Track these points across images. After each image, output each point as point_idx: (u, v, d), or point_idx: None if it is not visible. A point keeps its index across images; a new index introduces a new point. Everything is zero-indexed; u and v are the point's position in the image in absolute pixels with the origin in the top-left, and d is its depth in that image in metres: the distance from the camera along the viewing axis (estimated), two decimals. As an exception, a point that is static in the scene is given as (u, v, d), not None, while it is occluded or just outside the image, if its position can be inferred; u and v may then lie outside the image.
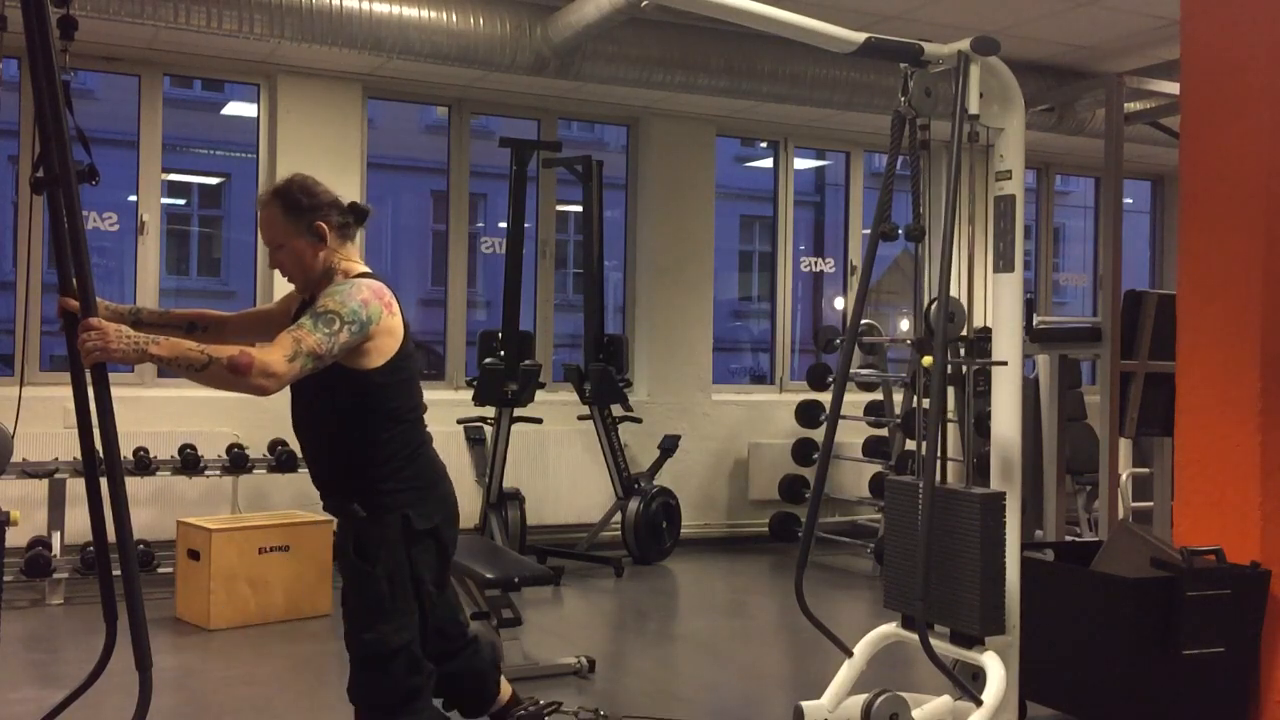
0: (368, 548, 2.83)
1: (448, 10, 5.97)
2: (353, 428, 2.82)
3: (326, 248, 2.86)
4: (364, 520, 2.83)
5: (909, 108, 3.45)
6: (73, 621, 5.44)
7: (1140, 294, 5.13)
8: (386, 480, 2.84)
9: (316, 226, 2.84)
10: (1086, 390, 7.18)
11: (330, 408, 2.82)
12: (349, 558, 2.86)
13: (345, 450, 2.85)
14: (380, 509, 2.83)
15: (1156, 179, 9.94)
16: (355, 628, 2.85)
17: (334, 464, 2.89)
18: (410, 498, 2.87)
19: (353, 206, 2.94)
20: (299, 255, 2.86)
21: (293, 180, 2.91)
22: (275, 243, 2.88)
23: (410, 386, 2.91)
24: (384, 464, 2.84)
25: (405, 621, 2.85)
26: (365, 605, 2.83)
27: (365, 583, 2.82)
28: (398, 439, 2.86)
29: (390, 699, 2.84)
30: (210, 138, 12.24)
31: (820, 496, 3.79)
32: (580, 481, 7.47)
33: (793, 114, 7.74)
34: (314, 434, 2.92)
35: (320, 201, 2.87)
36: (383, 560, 2.82)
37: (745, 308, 13.74)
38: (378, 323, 2.75)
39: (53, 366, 6.73)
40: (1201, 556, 3.71)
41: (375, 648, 2.82)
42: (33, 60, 2.48)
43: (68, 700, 2.59)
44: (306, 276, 2.89)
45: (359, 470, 2.84)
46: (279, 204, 2.86)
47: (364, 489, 2.84)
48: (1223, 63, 3.94)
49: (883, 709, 3.34)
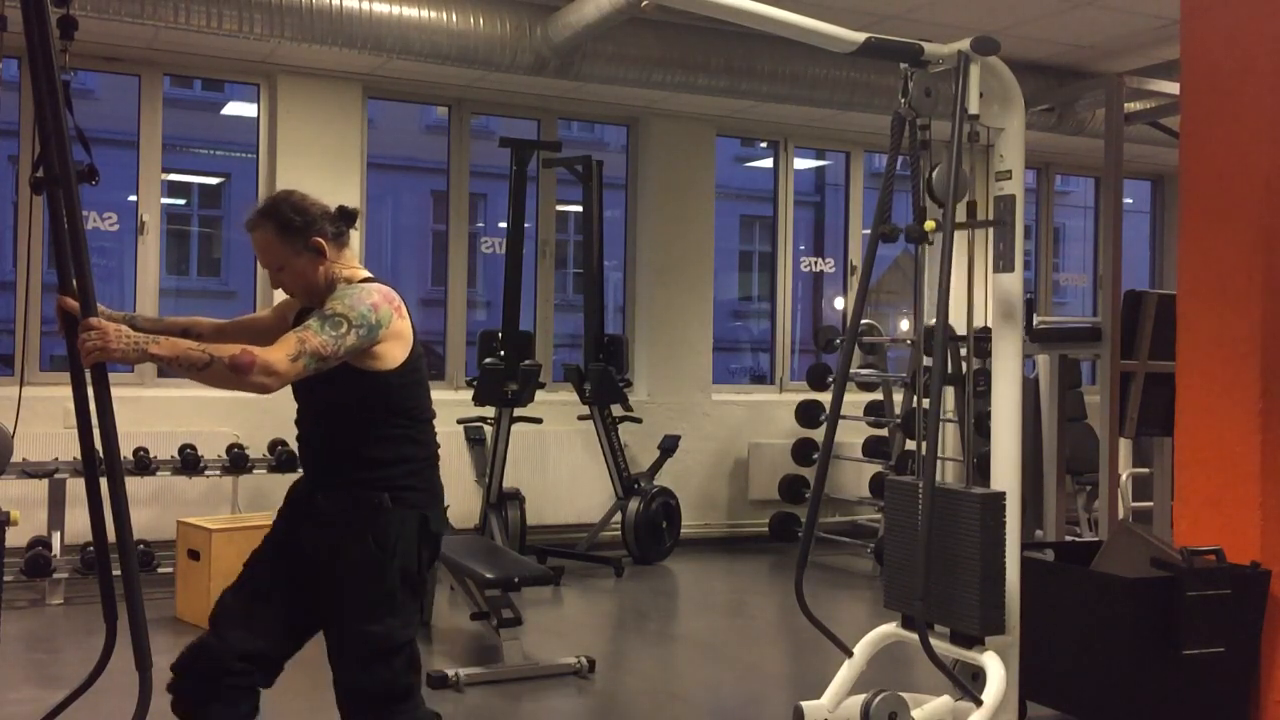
0: (388, 540, 2.81)
1: (448, 10, 5.97)
2: (376, 427, 2.81)
3: (327, 260, 2.85)
4: (391, 512, 2.82)
5: (909, 108, 3.45)
6: (73, 621, 5.44)
7: (1140, 294, 5.13)
8: (408, 478, 2.84)
9: (314, 243, 2.82)
10: (1086, 390, 7.17)
11: (352, 409, 2.81)
12: (367, 549, 2.83)
13: (367, 449, 2.83)
14: (403, 504, 2.83)
15: (1156, 179, 9.94)
16: (360, 619, 2.82)
17: (356, 463, 2.86)
18: (427, 499, 2.88)
19: (341, 211, 2.92)
20: (301, 274, 2.85)
21: (280, 199, 2.88)
22: (275, 265, 2.86)
23: (424, 389, 2.91)
24: (406, 462, 2.84)
25: (410, 619, 2.85)
26: (376, 598, 2.81)
27: (380, 575, 2.80)
28: (417, 439, 2.87)
29: (389, 694, 2.83)
30: (210, 138, 12.25)
31: (820, 496, 3.79)
32: (580, 481, 7.47)
33: (793, 114, 7.75)
34: (332, 435, 2.89)
35: (313, 216, 2.84)
36: (400, 554, 2.81)
37: (745, 308, 13.74)
38: (388, 326, 2.75)
39: (53, 366, 6.73)
40: (1201, 556, 3.71)
41: (382, 641, 2.80)
42: (33, 60, 2.47)
43: (68, 700, 2.58)
44: (312, 292, 2.87)
45: (381, 468, 2.82)
46: (272, 226, 2.82)
47: (385, 487, 2.83)
48: (1223, 63, 3.94)
49: (882, 709, 3.34)
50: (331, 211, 2.90)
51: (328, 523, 2.83)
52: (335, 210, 2.91)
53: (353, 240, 3.02)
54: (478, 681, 4.54)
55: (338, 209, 2.91)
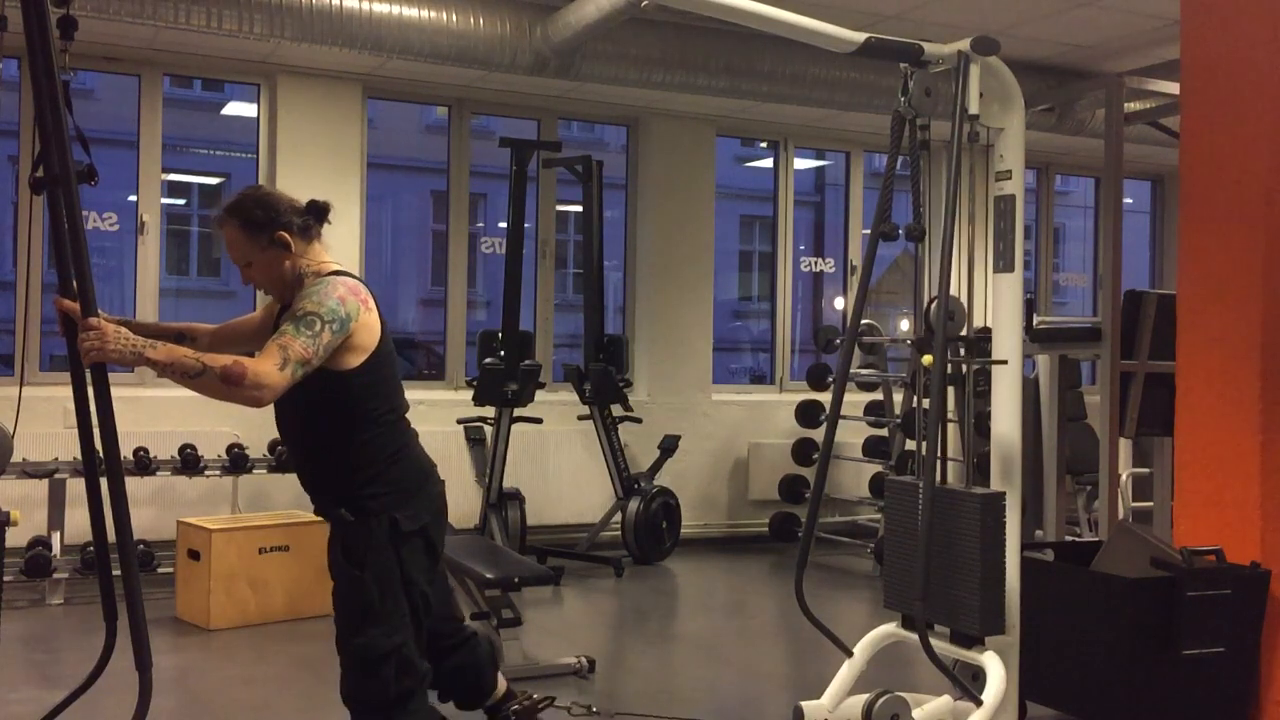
0: (355, 551, 2.82)
1: (448, 10, 5.97)
2: (332, 432, 2.81)
3: (293, 254, 2.85)
4: (351, 524, 2.83)
5: (909, 108, 3.45)
6: (73, 621, 5.44)
7: (1140, 294, 5.13)
8: (371, 484, 2.83)
9: (279, 236, 2.82)
10: (1086, 390, 7.17)
11: (309, 412, 2.81)
12: (338, 561, 2.85)
13: (327, 455, 2.84)
14: (366, 513, 2.82)
15: (1156, 179, 9.94)
16: (345, 632, 2.85)
17: (317, 469, 2.89)
18: (395, 500, 2.85)
19: (310, 205, 2.92)
20: (269, 268, 2.86)
21: (245, 195, 2.89)
22: (243, 260, 2.87)
23: (389, 386, 2.89)
24: (366, 468, 2.83)
25: (396, 624, 2.84)
26: (354, 609, 2.82)
27: (353, 587, 2.82)
28: (377, 441, 2.85)
29: (381, 702, 2.84)
30: (210, 138, 12.24)
31: (820, 496, 3.79)
32: (580, 481, 7.47)
33: (793, 114, 7.75)
34: (297, 439, 2.92)
35: (278, 210, 2.85)
36: (370, 564, 2.81)
37: (745, 308, 13.73)
38: (356, 319, 2.74)
39: (53, 366, 6.74)
40: (1201, 556, 3.71)
41: (365, 652, 2.81)
42: (33, 60, 2.48)
43: (68, 700, 2.59)
44: (281, 286, 2.88)
45: (342, 474, 2.83)
46: (237, 222, 2.84)
47: (348, 493, 2.83)
48: (1223, 63, 3.94)
49: (883, 709, 3.34)
50: (300, 205, 2.89)
51: None
52: (305, 204, 2.91)
53: (353, 241, 3.02)
54: (478, 681, 4.53)
55: (308, 203, 2.91)
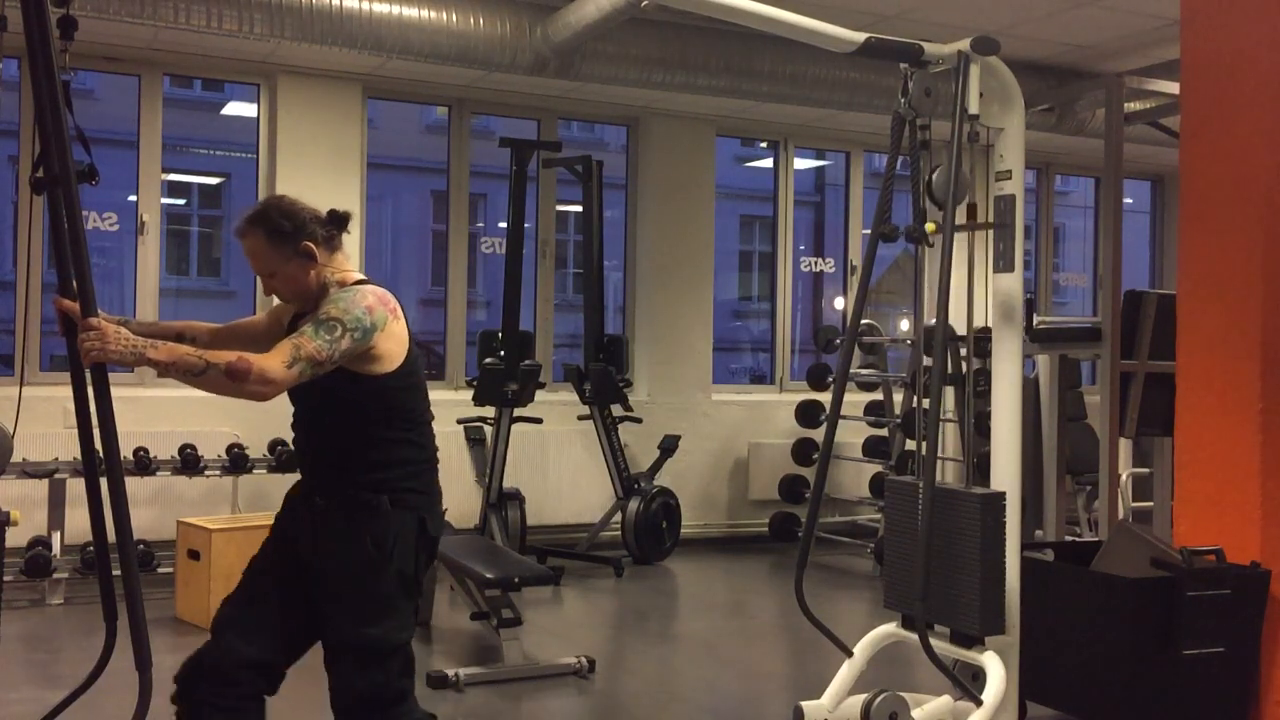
0: (386, 542, 2.80)
1: (448, 10, 5.97)
2: (374, 430, 2.80)
3: (317, 265, 2.84)
4: (386, 516, 2.81)
5: (909, 108, 3.45)
6: (73, 621, 5.44)
7: (1140, 294, 5.13)
8: (407, 480, 2.83)
9: (304, 247, 2.80)
10: (1086, 390, 7.17)
11: (349, 412, 2.79)
12: (365, 551, 2.82)
13: (365, 452, 2.82)
14: (402, 505, 2.82)
15: (1156, 179, 9.94)
16: (355, 621, 2.81)
17: (354, 466, 2.85)
18: (425, 502, 2.87)
19: (331, 215, 2.90)
20: (293, 279, 2.83)
21: (269, 205, 2.86)
22: (267, 271, 2.84)
23: (421, 392, 2.90)
24: (404, 464, 2.83)
25: (407, 620, 2.85)
26: (371, 599, 2.80)
27: (378, 577, 2.79)
28: (416, 441, 2.86)
29: (384, 697, 2.82)
30: (210, 138, 12.25)
31: (820, 496, 3.79)
32: (580, 481, 7.47)
33: (793, 114, 7.75)
34: (330, 439, 2.88)
35: (302, 220, 2.82)
36: (397, 557, 2.80)
37: (745, 308, 13.73)
38: (383, 329, 2.73)
39: (53, 366, 6.74)
40: (1201, 556, 3.71)
41: (377, 644, 2.80)
42: (33, 60, 2.47)
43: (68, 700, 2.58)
44: (304, 297, 2.86)
45: (379, 471, 2.82)
46: (261, 232, 2.80)
47: (384, 489, 2.82)
48: (1223, 63, 3.94)
49: (883, 709, 3.34)
50: (322, 215, 2.87)
51: (326, 525, 2.82)
52: (326, 214, 2.89)
53: (352, 241, 3.01)
54: (478, 681, 4.54)
55: (329, 212, 2.89)
